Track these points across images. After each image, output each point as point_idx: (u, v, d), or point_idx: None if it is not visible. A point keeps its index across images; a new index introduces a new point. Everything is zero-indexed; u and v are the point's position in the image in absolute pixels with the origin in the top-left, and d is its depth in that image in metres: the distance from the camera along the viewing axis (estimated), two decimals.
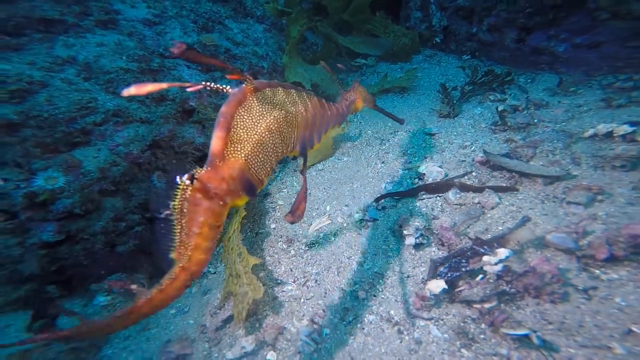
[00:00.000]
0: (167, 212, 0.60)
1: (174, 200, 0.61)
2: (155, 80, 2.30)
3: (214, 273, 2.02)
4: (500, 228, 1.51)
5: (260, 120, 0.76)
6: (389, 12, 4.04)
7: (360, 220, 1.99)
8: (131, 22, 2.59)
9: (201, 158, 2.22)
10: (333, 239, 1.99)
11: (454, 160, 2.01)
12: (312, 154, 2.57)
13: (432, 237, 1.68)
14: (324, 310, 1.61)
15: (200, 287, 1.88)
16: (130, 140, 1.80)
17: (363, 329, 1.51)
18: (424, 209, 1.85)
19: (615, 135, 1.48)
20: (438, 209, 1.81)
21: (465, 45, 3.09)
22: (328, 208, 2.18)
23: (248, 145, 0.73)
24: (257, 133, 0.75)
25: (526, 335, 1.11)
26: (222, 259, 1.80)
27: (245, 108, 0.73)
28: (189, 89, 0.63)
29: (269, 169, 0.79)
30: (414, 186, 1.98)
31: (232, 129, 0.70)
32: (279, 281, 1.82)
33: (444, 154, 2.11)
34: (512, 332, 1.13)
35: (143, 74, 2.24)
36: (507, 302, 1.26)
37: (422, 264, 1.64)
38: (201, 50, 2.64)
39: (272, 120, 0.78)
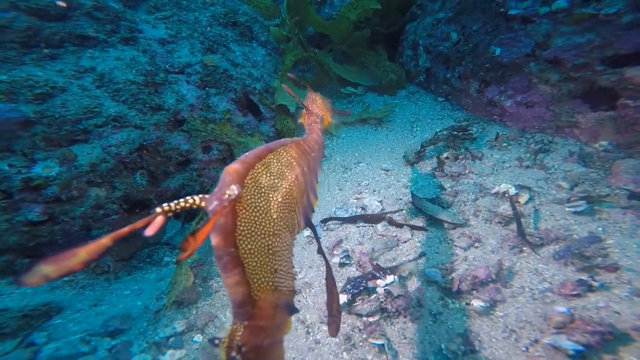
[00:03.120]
0: None
1: None
2: (157, 93, 2.71)
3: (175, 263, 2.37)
4: (403, 259, 1.79)
5: (267, 226, 0.56)
6: (388, 46, 4.38)
7: (307, 236, 2.30)
8: (148, 40, 3.03)
9: (183, 163, 2.59)
10: None
11: (394, 197, 2.30)
12: None
13: (353, 259, 1.98)
14: None
15: (158, 275, 2.22)
16: (122, 143, 2.20)
17: None
18: (356, 235, 2.15)
19: (507, 195, 1.73)
20: (367, 236, 2.11)
21: (442, 88, 3.38)
22: None
23: (268, 265, 0.54)
24: (270, 245, 0.56)
25: (382, 345, 1.39)
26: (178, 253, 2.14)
27: (246, 224, 0.53)
28: (147, 232, 0.46)
29: (290, 269, 0.61)
30: (356, 214, 2.28)
31: (244, 262, 0.51)
32: None
33: (389, 190, 2.40)
34: (375, 341, 1.42)
35: (146, 86, 2.66)
36: (385, 318, 1.54)
37: (342, 280, 1.93)
38: (201, 70, 3.05)
39: (277, 216, 0.59)
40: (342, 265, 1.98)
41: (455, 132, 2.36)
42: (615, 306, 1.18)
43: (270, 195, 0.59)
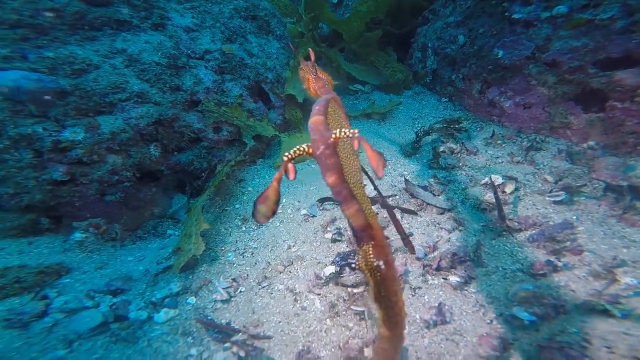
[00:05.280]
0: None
1: (374, 286, 0.59)
2: (177, 75, 2.91)
3: (178, 235, 2.52)
4: (392, 238, 1.90)
5: (353, 164, 0.67)
6: (399, 48, 4.50)
7: (304, 215, 2.44)
8: (175, 27, 3.24)
9: (194, 140, 2.77)
10: (278, 224, 2.45)
11: (389, 184, 2.42)
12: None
13: (344, 236, 2.10)
14: (247, 275, 2.06)
15: (161, 244, 2.38)
16: (142, 116, 2.39)
17: (271, 293, 1.93)
18: None
19: (496, 184, 1.82)
20: None
21: (446, 89, 3.48)
22: (284, 200, 2.65)
23: (364, 196, 0.64)
24: (359, 180, 0.66)
25: (362, 312, 1.50)
26: (182, 224, 2.29)
27: (344, 163, 0.62)
28: (290, 177, 0.56)
29: None
30: None
31: (353, 190, 0.59)
32: (223, 248, 2.29)
33: (385, 178, 2.51)
34: (356, 308, 1.53)
35: (168, 68, 2.86)
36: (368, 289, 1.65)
37: (332, 254, 2.05)
38: (219, 57, 3.24)
39: (353, 156, 0.70)
40: (334, 241, 2.11)
41: (447, 125, 2.46)
42: (572, 285, 1.26)
43: (343, 140, 0.68)
